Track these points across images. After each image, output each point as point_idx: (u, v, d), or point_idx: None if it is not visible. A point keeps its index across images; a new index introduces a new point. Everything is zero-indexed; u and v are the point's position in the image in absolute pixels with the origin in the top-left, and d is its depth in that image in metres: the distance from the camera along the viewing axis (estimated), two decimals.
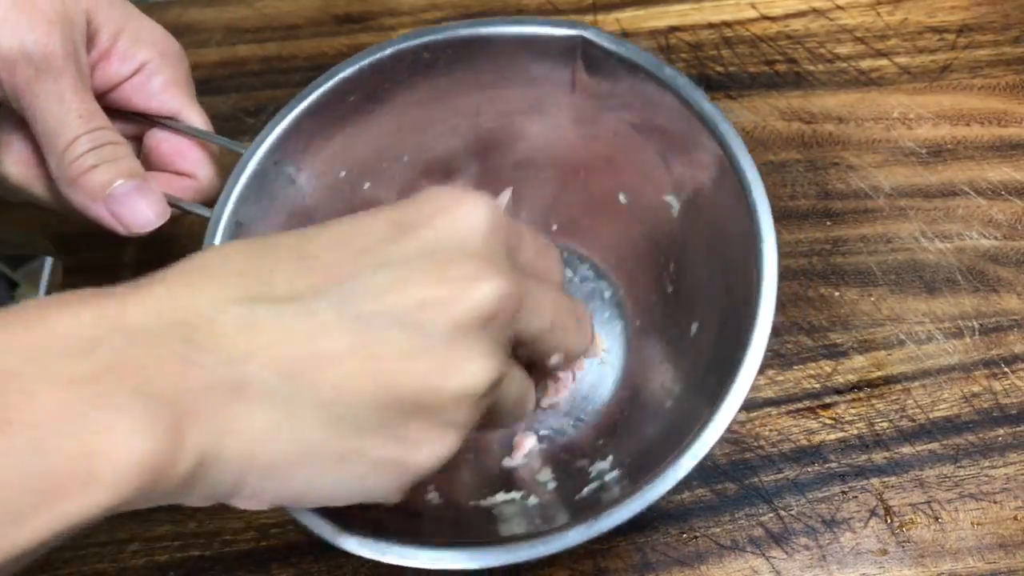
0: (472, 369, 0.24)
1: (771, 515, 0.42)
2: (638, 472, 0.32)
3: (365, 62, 0.38)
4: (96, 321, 0.21)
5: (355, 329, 0.23)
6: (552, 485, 0.40)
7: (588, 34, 0.38)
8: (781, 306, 0.49)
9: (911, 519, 0.42)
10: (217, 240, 0.35)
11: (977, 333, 0.48)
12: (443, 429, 0.25)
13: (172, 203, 0.36)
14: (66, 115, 0.31)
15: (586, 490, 0.36)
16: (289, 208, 0.39)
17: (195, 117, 0.40)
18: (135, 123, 0.40)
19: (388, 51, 0.38)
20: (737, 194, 0.35)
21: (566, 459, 0.41)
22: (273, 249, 0.25)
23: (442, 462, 0.26)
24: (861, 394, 0.46)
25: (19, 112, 0.33)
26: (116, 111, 0.38)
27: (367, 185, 0.42)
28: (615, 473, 0.37)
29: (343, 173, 0.41)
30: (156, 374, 0.20)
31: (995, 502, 0.42)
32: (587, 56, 0.38)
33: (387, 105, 0.40)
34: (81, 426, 0.19)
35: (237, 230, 0.36)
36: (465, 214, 0.25)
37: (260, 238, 0.26)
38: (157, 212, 0.34)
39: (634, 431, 0.40)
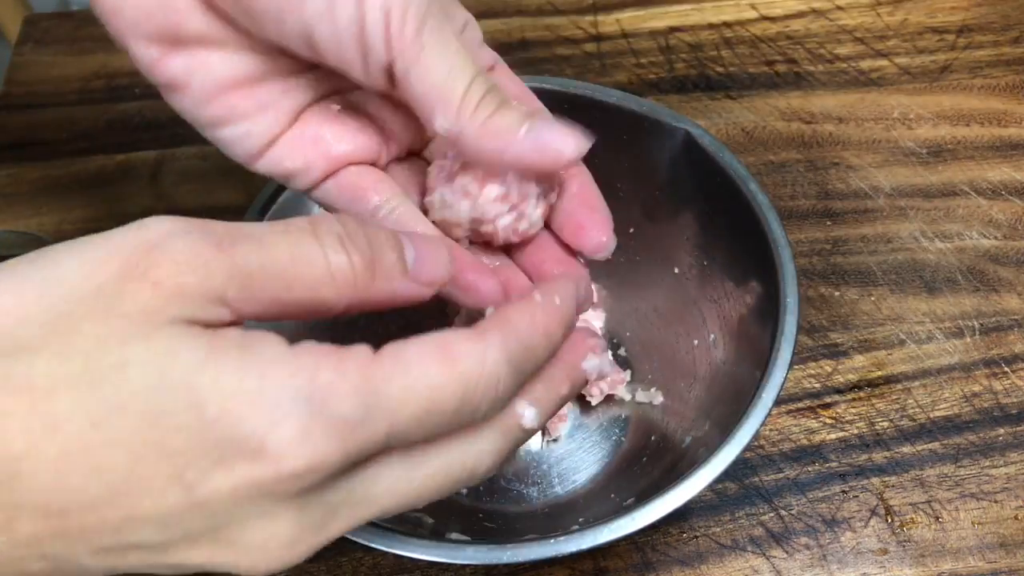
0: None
1: (771, 514, 0.42)
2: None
3: None
4: None
5: None
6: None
7: (693, 130, 0.40)
8: None
9: (912, 518, 0.42)
10: None
11: (977, 333, 0.48)
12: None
13: None
14: (454, 63, 0.27)
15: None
16: None
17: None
18: None
19: None
20: (767, 316, 0.36)
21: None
22: None
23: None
24: (861, 394, 0.46)
25: (383, 81, 0.27)
26: None
27: None
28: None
29: None
30: None
31: (996, 501, 0.42)
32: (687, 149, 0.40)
33: None
34: None
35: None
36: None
37: None
38: (580, 138, 0.27)
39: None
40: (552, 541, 0.31)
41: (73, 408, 0.19)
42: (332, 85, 0.31)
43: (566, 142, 0.27)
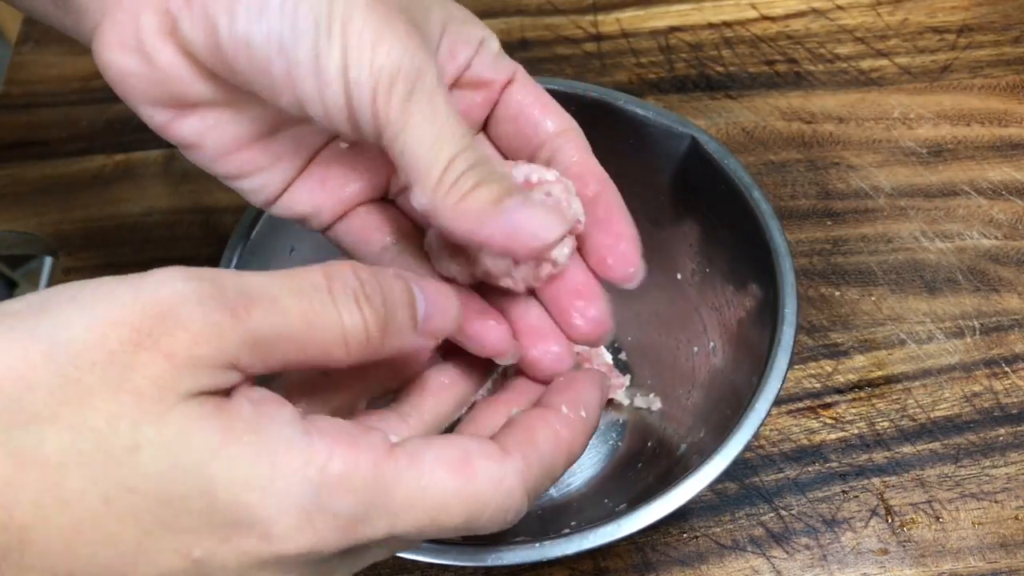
0: None
1: (772, 515, 0.42)
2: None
3: None
4: None
5: None
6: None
7: (699, 136, 0.40)
8: None
9: (912, 519, 0.42)
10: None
11: (978, 333, 0.48)
12: None
13: None
14: (439, 135, 0.26)
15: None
16: None
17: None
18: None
19: None
20: (766, 325, 0.36)
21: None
22: None
23: None
24: (862, 393, 0.46)
25: (369, 144, 0.27)
26: None
27: None
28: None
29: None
30: None
31: (996, 502, 0.42)
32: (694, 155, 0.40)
33: None
34: None
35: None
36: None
37: None
38: (559, 220, 0.26)
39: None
40: (553, 543, 0.31)
41: (84, 486, 0.19)
42: None
43: (544, 225, 0.25)
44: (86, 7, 0.27)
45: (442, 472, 0.22)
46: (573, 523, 0.37)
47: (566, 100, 0.33)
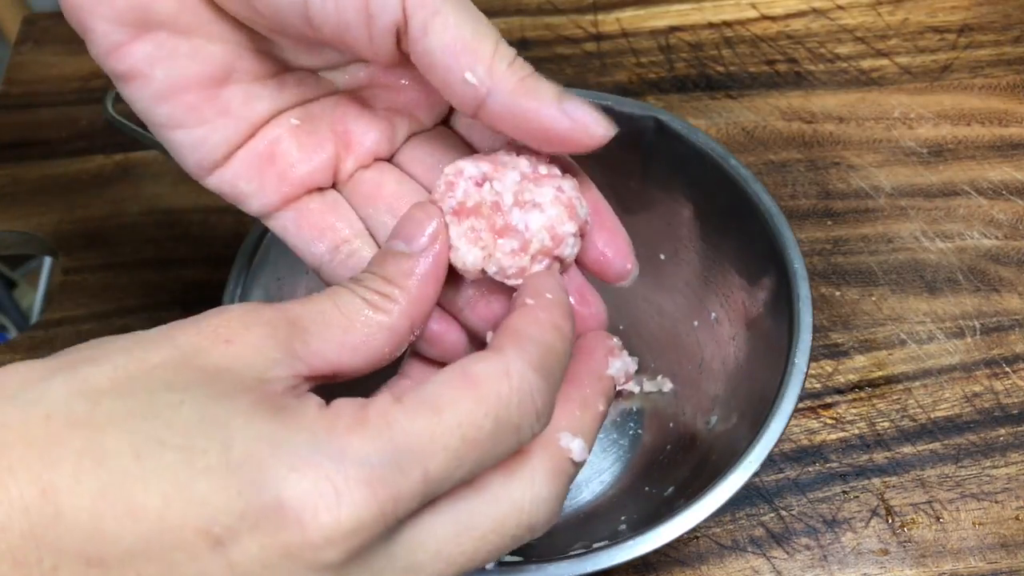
0: None
1: (772, 515, 0.42)
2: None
3: None
4: None
5: None
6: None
7: (662, 116, 0.40)
8: None
9: (912, 519, 0.42)
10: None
11: (978, 333, 0.48)
12: None
13: None
14: (477, 22, 0.25)
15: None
16: None
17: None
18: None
19: None
20: (763, 285, 0.37)
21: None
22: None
23: None
24: (862, 394, 0.46)
25: (387, 47, 0.26)
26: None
27: None
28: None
29: None
30: None
31: (996, 502, 0.42)
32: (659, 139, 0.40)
33: None
34: None
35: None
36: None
37: None
38: (610, 124, 0.26)
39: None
40: (614, 547, 0.31)
41: (121, 440, 0.19)
42: (297, 95, 0.29)
43: (598, 121, 0.25)
44: None
45: (449, 392, 0.21)
46: (623, 518, 0.38)
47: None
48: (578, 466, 0.25)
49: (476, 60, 0.25)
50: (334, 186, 0.30)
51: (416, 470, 0.20)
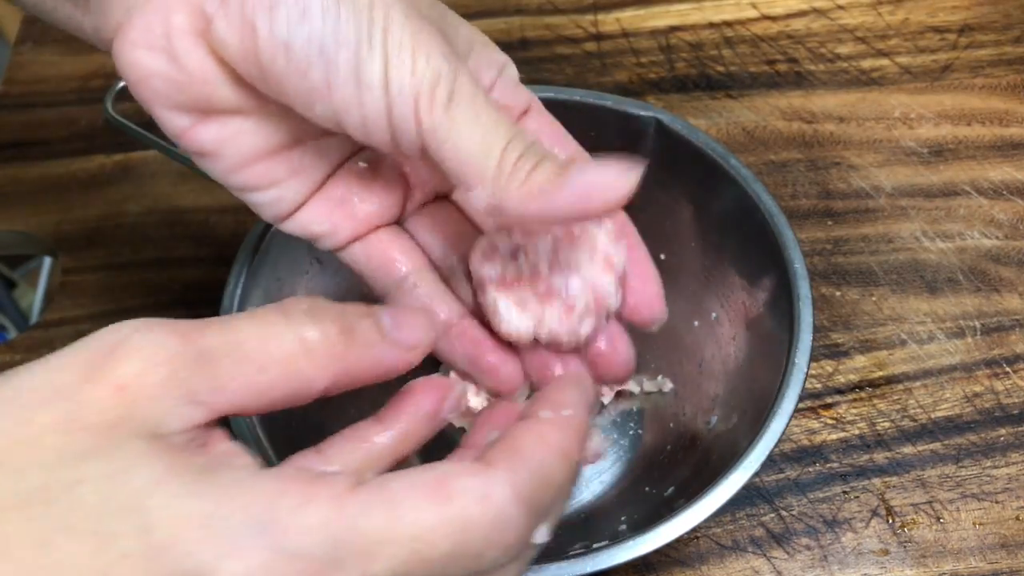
0: None
1: (772, 515, 0.42)
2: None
3: None
4: None
5: None
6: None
7: (662, 116, 0.40)
8: None
9: (913, 519, 0.42)
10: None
11: (979, 333, 0.48)
12: None
13: None
14: (487, 131, 0.25)
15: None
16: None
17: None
18: None
19: None
20: (765, 286, 0.37)
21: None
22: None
23: None
24: (863, 394, 0.46)
25: (416, 156, 0.26)
26: None
27: None
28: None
29: None
30: None
31: (997, 502, 0.42)
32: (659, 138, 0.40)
33: None
34: None
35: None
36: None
37: None
38: (625, 171, 0.24)
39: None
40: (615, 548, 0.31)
41: (24, 528, 0.18)
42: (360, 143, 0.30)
43: (615, 179, 0.24)
44: (109, 5, 0.26)
45: (416, 498, 0.19)
46: (623, 518, 0.38)
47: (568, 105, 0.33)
48: (540, 547, 0.23)
49: (481, 179, 0.25)
50: (399, 221, 0.31)
51: (357, 565, 0.19)
